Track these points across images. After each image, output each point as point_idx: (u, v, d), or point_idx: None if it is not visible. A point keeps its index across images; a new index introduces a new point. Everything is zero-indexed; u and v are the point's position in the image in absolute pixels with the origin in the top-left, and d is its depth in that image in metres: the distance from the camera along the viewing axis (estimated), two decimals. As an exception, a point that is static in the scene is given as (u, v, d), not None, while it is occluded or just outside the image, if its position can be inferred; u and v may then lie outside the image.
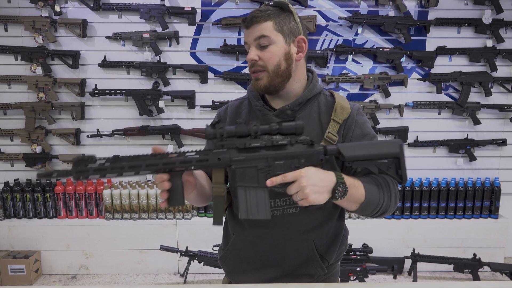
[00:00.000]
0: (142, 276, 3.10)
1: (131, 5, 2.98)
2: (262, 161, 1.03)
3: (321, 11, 3.08)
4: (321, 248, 1.24)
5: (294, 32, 1.16)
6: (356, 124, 1.19)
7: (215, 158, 1.02)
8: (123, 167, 0.98)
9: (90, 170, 0.97)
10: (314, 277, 1.25)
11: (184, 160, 1.01)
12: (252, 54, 1.14)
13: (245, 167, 1.03)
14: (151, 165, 1.00)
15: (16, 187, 3.08)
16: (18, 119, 3.10)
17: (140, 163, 0.99)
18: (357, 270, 2.77)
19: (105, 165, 0.98)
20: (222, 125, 1.02)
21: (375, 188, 1.11)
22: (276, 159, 1.04)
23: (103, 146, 3.17)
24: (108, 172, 0.98)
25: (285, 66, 1.15)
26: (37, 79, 3.01)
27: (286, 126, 1.04)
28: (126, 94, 3.05)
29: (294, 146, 1.05)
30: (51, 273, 3.11)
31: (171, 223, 3.06)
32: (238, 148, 1.03)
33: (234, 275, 1.33)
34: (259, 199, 1.03)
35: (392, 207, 1.15)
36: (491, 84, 3.15)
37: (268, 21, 1.12)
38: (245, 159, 1.03)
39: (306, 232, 1.22)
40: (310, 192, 0.98)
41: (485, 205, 3.16)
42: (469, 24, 3.10)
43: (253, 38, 1.14)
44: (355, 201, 1.08)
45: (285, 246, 1.23)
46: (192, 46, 3.11)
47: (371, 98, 3.18)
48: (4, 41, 3.02)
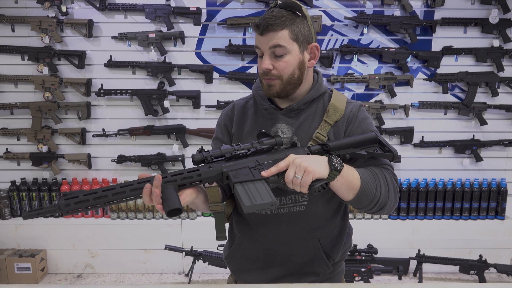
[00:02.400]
0: (147, 275, 3.11)
1: (137, 5, 2.99)
2: (252, 162, 1.07)
3: (326, 11, 3.08)
4: (326, 246, 1.24)
5: (308, 39, 1.15)
6: (356, 119, 1.20)
7: (206, 167, 1.05)
8: (110, 200, 1.00)
9: (83, 207, 0.99)
10: (319, 275, 1.25)
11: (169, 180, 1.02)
12: (266, 64, 1.12)
13: (237, 169, 1.06)
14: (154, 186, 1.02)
15: (23, 186, 3.10)
16: (25, 118, 3.12)
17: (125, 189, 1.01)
18: (362, 270, 2.76)
19: (93, 201, 0.99)
20: (207, 152, 1.07)
21: (371, 178, 1.09)
22: (265, 160, 1.09)
23: (109, 146, 3.18)
24: (96, 205, 1.00)
25: (298, 75, 1.15)
26: (44, 79, 3.03)
27: (267, 143, 1.09)
28: (131, 94, 3.06)
29: (280, 151, 1.11)
30: (57, 271, 3.13)
31: (176, 223, 3.07)
32: (226, 158, 1.07)
33: (239, 274, 1.33)
34: (259, 188, 1.03)
35: (391, 202, 1.13)
36: (497, 84, 3.13)
37: (285, 29, 1.10)
38: (234, 165, 1.07)
39: (312, 230, 1.22)
40: (308, 165, 0.99)
41: (492, 206, 3.14)
42: (475, 24, 3.08)
43: (268, 47, 1.12)
44: (351, 187, 1.06)
45: (291, 244, 1.23)
46: (197, 46, 3.11)
47: (377, 98, 3.17)
48: (11, 41, 3.05)
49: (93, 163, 3.19)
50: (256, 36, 1.15)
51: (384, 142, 1.16)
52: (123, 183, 1.02)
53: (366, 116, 1.22)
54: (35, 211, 0.97)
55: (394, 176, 1.15)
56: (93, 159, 3.19)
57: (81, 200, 0.97)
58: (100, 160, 3.20)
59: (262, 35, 1.12)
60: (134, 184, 1.01)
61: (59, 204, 0.97)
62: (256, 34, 1.15)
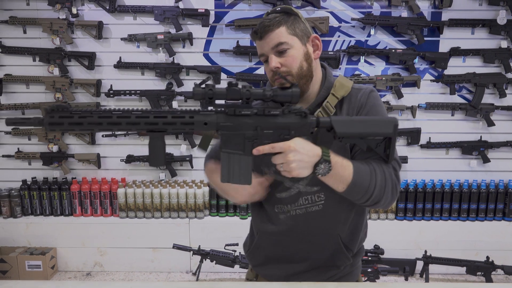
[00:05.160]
0: (155, 274, 3.14)
1: (146, 7, 3.03)
2: (250, 129, 1.01)
3: (333, 12, 3.09)
4: (345, 239, 1.24)
5: (307, 32, 1.17)
6: (364, 108, 1.16)
7: (202, 122, 0.98)
8: (100, 123, 0.95)
9: (65, 123, 0.95)
10: (340, 267, 1.26)
11: (168, 121, 0.97)
12: (274, 62, 1.13)
13: (231, 133, 1.00)
14: (132, 123, 0.96)
15: (34, 185, 3.16)
16: (36, 118, 3.17)
17: (120, 120, 0.96)
18: (368, 271, 2.77)
19: (83, 119, 0.94)
20: (212, 86, 0.97)
21: (367, 172, 1.08)
22: (265, 128, 1.01)
23: (118, 146, 3.22)
24: (84, 127, 0.95)
25: (306, 67, 1.16)
26: (54, 79, 3.08)
27: (281, 94, 1.01)
28: (140, 94, 3.10)
29: (286, 116, 1.02)
30: (67, 269, 3.17)
31: (184, 222, 3.10)
32: (227, 114, 0.99)
33: (260, 269, 1.34)
34: (242, 165, 1.01)
35: (387, 198, 1.12)
36: (505, 85, 3.12)
37: (281, 26, 1.13)
38: (233, 126, 0.99)
39: (332, 227, 1.22)
40: (295, 167, 1.00)
41: (499, 207, 3.13)
42: (483, 25, 3.07)
43: (270, 47, 1.14)
44: (342, 181, 1.06)
45: (311, 242, 1.24)
46: (205, 47, 3.14)
47: (384, 99, 3.18)
48: (22, 43, 3.10)
49: (102, 163, 3.24)
50: (257, 43, 1.17)
51: (392, 145, 1.10)
52: (122, 112, 0.96)
53: (375, 104, 1.17)
54: (18, 118, 0.96)
55: (395, 172, 1.14)
56: (102, 158, 3.24)
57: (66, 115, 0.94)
58: (109, 159, 3.25)
59: (261, 39, 1.15)
60: (140, 124, 0.96)
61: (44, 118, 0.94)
62: (257, 42, 1.17)
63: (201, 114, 0.99)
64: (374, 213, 3.16)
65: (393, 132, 1.08)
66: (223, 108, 1.00)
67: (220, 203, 3.15)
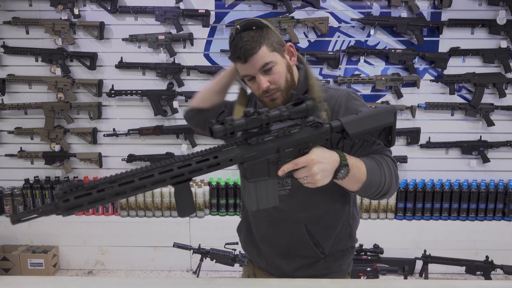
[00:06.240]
0: (155, 272, 3.17)
1: (147, 8, 3.05)
2: (273, 153, 0.99)
3: (333, 12, 3.10)
4: (315, 233, 1.27)
5: (281, 43, 1.20)
6: (348, 111, 1.17)
7: (227, 160, 0.93)
8: (124, 191, 0.84)
9: (85, 204, 0.81)
10: (305, 258, 1.29)
11: (193, 169, 0.90)
12: (264, 83, 1.15)
13: (256, 161, 0.98)
14: (157, 182, 0.86)
15: (36, 184, 3.19)
16: (38, 118, 3.20)
17: (144, 182, 0.85)
18: (367, 270, 2.78)
19: (103, 193, 0.82)
20: (230, 120, 0.91)
21: (376, 168, 1.11)
22: (286, 148, 1.00)
23: (119, 145, 3.25)
24: (107, 201, 0.84)
25: (290, 77, 1.20)
26: (57, 79, 3.11)
27: (297, 111, 0.98)
28: (141, 94, 3.12)
29: (303, 130, 1.02)
30: (69, 267, 3.20)
31: (184, 221, 3.13)
32: (250, 144, 0.96)
33: (244, 247, 1.45)
34: (269, 189, 1.01)
35: (393, 188, 1.15)
36: (505, 85, 3.12)
37: (262, 46, 1.14)
38: (257, 154, 0.97)
39: (297, 215, 1.26)
40: (320, 178, 1.01)
41: (499, 207, 3.13)
42: (483, 25, 3.07)
43: (257, 69, 1.15)
44: (357, 181, 1.09)
45: (278, 226, 1.29)
46: (206, 48, 3.16)
47: (383, 99, 3.19)
48: (25, 43, 3.13)
49: (104, 162, 3.26)
50: (240, 66, 1.18)
51: (393, 130, 1.14)
52: (142, 173, 0.85)
53: (357, 105, 1.19)
54: (25, 213, 0.80)
55: (394, 163, 1.17)
56: (104, 158, 3.26)
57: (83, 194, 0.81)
58: (110, 159, 3.28)
59: (246, 62, 1.15)
60: (155, 176, 0.86)
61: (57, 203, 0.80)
62: (239, 65, 1.18)
63: (224, 151, 0.94)
64: (374, 212, 3.17)
65: (394, 120, 1.13)
66: (245, 138, 0.97)
67: (221, 202, 3.18)
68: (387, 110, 1.14)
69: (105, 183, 0.83)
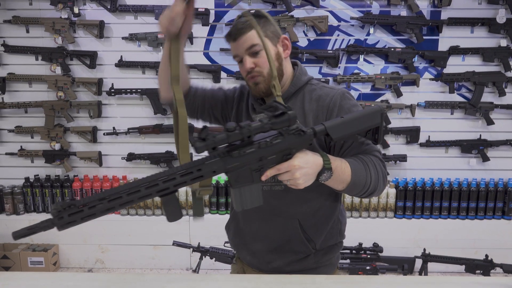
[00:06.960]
0: (155, 270, 3.18)
1: (147, 7, 3.06)
2: (256, 161, 1.02)
3: (333, 11, 3.11)
4: (308, 228, 1.29)
5: (277, 34, 1.24)
6: (341, 110, 1.20)
7: (210, 171, 0.98)
8: (113, 207, 0.92)
9: (78, 220, 0.91)
10: (298, 254, 1.30)
11: (178, 182, 0.95)
12: (248, 63, 1.21)
13: (239, 170, 1.02)
14: (144, 196, 0.93)
15: (36, 182, 3.20)
16: (38, 117, 3.21)
17: (132, 198, 0.92)
18: (367, 268, 2.78)
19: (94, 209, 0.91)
20: (212, 136, 0.94)
21: (361, 168, 1.14)
22: (269, 156, 1.04)
23: (119, 144, 3.26)
24: (98, 215, 0.92)
25: (277, 66, 1.23)
26: (57, 78, 3.12)
27: (279, 121, 1.00)
28: (141, 93, 3.13)
29: (286, 139, 1.03)
30: (69, 266, 3.21)
31: (184, 220, 3.13)
32: (232, 156, 0.99)
33: (232, 244, 1.45)
34: (253, 192, 1.05)
35: (380, 188, 1.18)
36: (505, 84, 3.12)
37: (253, 29, 1.19)
38: (239, 164, 1.00)
39: (292, 210, 1.28)
40: (302, 182, 1.05)
41: (498, 206, 3.13)
42: (482, 24, 3.08)
43: (244, 49, 1.21)
44: (341, 182, 1.12)
45: (271, 221, 1.30)
46: (205, 47, 3.17)
47: (383, 98, 3.19)
48: (25, 42, 3.14)
49: (103, 161, 3.27)
50: (231, 45, 1.24)
51: (380, 130, 1.15)
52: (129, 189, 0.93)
53: (350, 105, 1.21)
54: (25, 229, 0.91)
55: (382, 163, 1.20)
56: (104, 156, 3.27)
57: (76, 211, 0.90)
58: (110, 157, 3.28)
59: (235, 40, 1.22)
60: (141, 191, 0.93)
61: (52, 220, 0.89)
62: (231, 44, 1.24)
63: (207, 164, 0.98)
64: (373, 211, 3.17)
65: (380, 121, 1.14)
66: (228, 151, 0.99)
67: (220, 201, 3.18)
68: (373, 111, 1.14)
69: (96, 200, 0.91)
